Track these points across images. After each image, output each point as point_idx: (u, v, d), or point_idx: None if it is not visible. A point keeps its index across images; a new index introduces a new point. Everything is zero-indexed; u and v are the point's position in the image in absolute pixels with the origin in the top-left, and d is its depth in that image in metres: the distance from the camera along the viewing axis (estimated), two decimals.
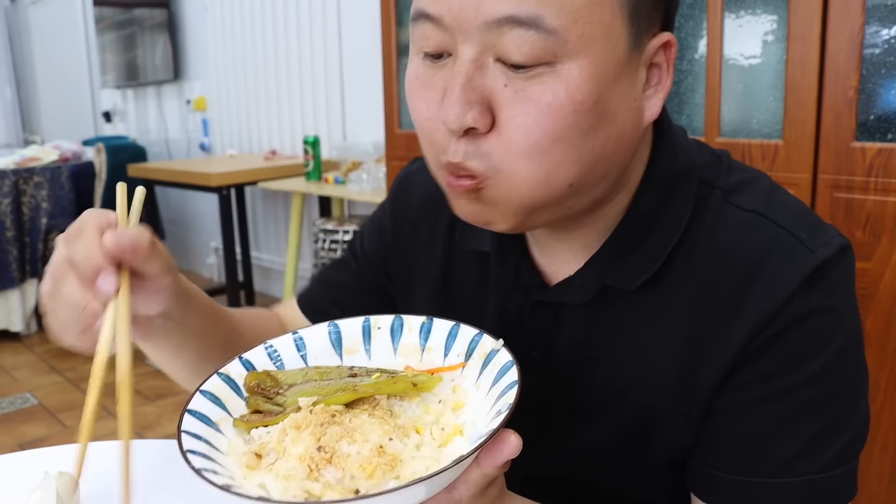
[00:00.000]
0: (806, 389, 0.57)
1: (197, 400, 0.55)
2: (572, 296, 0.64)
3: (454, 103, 0.52)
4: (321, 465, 0.47)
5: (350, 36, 3.47)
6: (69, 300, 0.54)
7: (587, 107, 0.51)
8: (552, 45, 0.50)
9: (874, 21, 1.37)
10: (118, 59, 5.22)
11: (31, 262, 3.71)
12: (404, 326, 0.60)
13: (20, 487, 0.70)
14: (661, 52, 0.56)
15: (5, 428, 2.75)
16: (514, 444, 0.46)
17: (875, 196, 1.39)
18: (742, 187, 0.63)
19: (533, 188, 0.54)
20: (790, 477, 0.57)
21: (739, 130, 1.57)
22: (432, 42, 0.54)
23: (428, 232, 0.77)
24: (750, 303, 0.57)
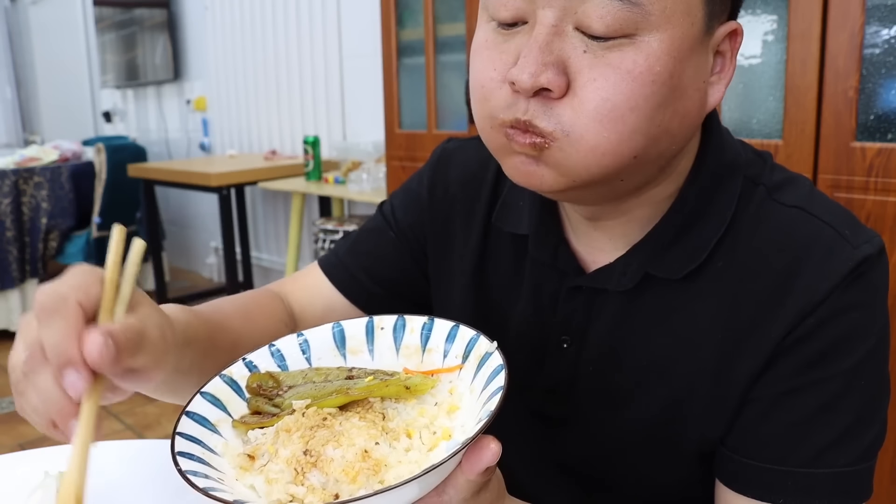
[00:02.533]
0: (840, 382, 0.58)
1: (196, 402, 0.55)
2: (614, 282, 0.65)
3: (530, 63, 0.52)
4: (306, 468, 0.47)
5: (350, 36, 3.47)
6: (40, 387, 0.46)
7: (664, 78, 0.52)
8: (635, 17, 0.50)
9: (874, 21, 1.37)
10: (118, 59, 5.22)
11: (31, 262, 3.71)
12: (406, 327, 0.60)
13: (20, 487, 0.70)
14: (728, 41, 0.57)
15: (5, 428, 2.75)
16: (493, 451, 0.45)
17: (875, 196, 1.39)
18: (785, 185, 0.64)
19: (601, 155, 0.53)
20: (820, 468, 0.58)
21: (739, 130, 1.57)
22: (510, 8, 0.54)
23: (466, 209, 0.77)
24: (792, 294, 0.58)
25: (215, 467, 0.50)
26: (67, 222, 3.76)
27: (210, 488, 0.45)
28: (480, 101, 0.57)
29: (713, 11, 0.54)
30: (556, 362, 0.69)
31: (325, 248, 2.98)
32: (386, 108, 2.36)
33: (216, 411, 0.56)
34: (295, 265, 3.34)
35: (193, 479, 0.46)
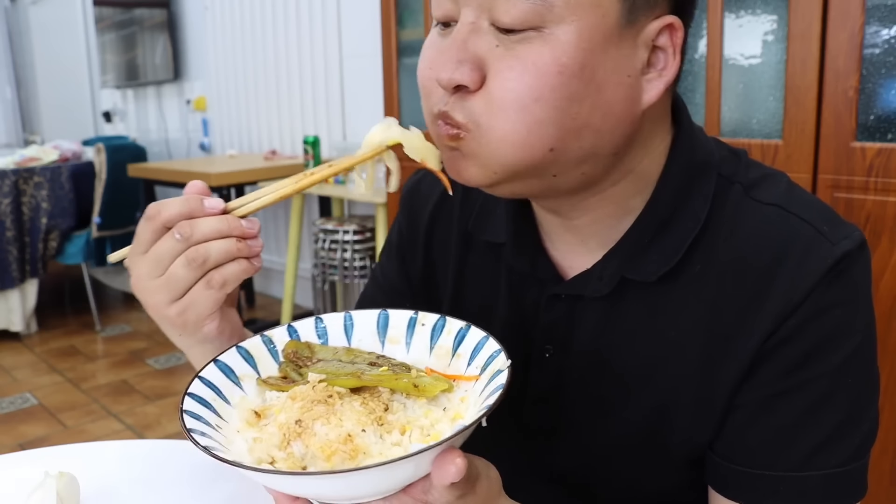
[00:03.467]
0: (827, 382, 0.57)
1: (229, 354, 0.58)
2: (591, 288, 0.64)
3: (447, 60, 0.55)
4: (292, 437, 0.49)
5: (350, 36, 3.47)
6: (174, 275, 0.57)
7: (572, 71, 0.53)
8: (539, 10, 0.52)
9: (874, 21, 1.37)
10: (118, 59, 5.22)
11: (31, 262, 3.71)
12: (445, 328, 0.61)
13: (20, 487, 0.70)
14: (666, 35, 0.56)
15: (5, 428, 2.75)
16: (457, 466, 0.44)
17: (875, 196, 1.39)
18: (762, 182, 0.63)
19: (511, 145, 0.55)
20: (811, 471, 0.58)
21: (739, 130, 1.57)
22: (442, 9, 0.57)
23: (444, 227, 0.78)
24: (773, 294, 0.58)
25: (221, 416, 0.53)
26: (67, 222, 3.76)
27: (193, 429, 0.48)
28: (423, 99, 0.60)
29: (635, 4, 0.54)
30: (541, 371, 0.69)
31: (325, 248, 2.98)
32: (386, 108, 2.36)
33: (245, 366, 0.58)
34: (295, 265, 3.34)
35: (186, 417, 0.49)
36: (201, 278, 0.57)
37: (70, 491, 0.70)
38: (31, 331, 3.81)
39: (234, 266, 0.57)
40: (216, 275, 0.57)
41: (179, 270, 0.56)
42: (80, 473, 0.73)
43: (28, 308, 3.75)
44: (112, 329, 3.87)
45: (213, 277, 0.57)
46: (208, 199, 0.57)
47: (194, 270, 0.56)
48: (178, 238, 0.56)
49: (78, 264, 3.87)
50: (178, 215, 0.56)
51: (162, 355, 3.47)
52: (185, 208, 0.57)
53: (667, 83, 0.57)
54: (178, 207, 0.56)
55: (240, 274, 0.58)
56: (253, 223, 0.58)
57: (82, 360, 3.44)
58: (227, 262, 0.57)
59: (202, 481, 0.74)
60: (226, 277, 0.57)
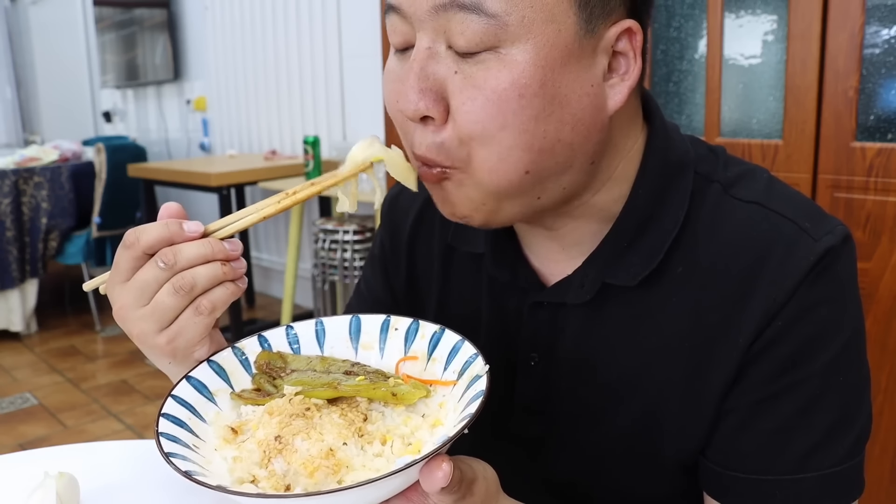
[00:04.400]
0: (817, 382, 0.57)
1: (201, 369, 0.57)
2: (572, 295, 0.64)
3: (408, 91, 0.54)
4: (273, 454, 0.49)
5: (350, 36, 3.47)
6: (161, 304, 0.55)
7: (533, 90, 0.52)
8: (494, 30, 0.51)
9: (874, 21, 1.37)
10: (118, 59, 5.22)
11: (31, 262, 3.71)
12: (419, 332, 0.61)
13: (20, 487, 0.70)
14: (626, 40, 0.55)
15: (5, 428, 2.75)
16: (444, 472, 0.44)
17: (875, 196, 1.39)
18: (741, 180, 0.62)
19: (489, 174, 0.54)
20: (807, 472, 0.57)
21: (739, 130, 1.57)
22: (398, 34, 0.56)
23: (425, 241, 0.77)
24: (756, 295, 0.57)
25: (198, 435, 0.52)
26: (67, 222, 3.77)
27: (172, 454, 0.47)
28: (400, 134, 0.60)
29: (591, 14, 0.53)
30: (527, 379, 0.68)
31: (324, 248, 2.98)
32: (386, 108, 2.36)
33: (218, 381, 0.57)
34: (295, 265, 3.34)
35: (163, 440, 0.48)
36: (189, 305, 0.55)
37: (70, 491, 0.70)
38: (31, 331, 3.81)
39: (220, 290, 0.56)
40: (204, 300, 0.55)
41: (166, 299, 0.54)
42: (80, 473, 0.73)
43: (28, 308, 3.75)
44: (112, 329, 3.87)
45: (201, 304, 0.55)
46: (187, 224, 0.56)
47: (182, 298, 0.55)
48: (161, 266, 0.54)
49: (78, 264, 3.87)
50: (158, 241, 0.55)
51: None
52: (165, 234, 0.55)
53: (630, 87, 0.56)
54: (157, 233, 0.55)
55: (228, 297, 0.56)
56: (235, 245, 0.57)
57: (82, 360, 3.44)
58: (213, 286, 0.55)
59: None
60: (214, 303, 0.55)
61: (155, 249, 0.55)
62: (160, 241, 0.55)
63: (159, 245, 0.55)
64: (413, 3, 0.53)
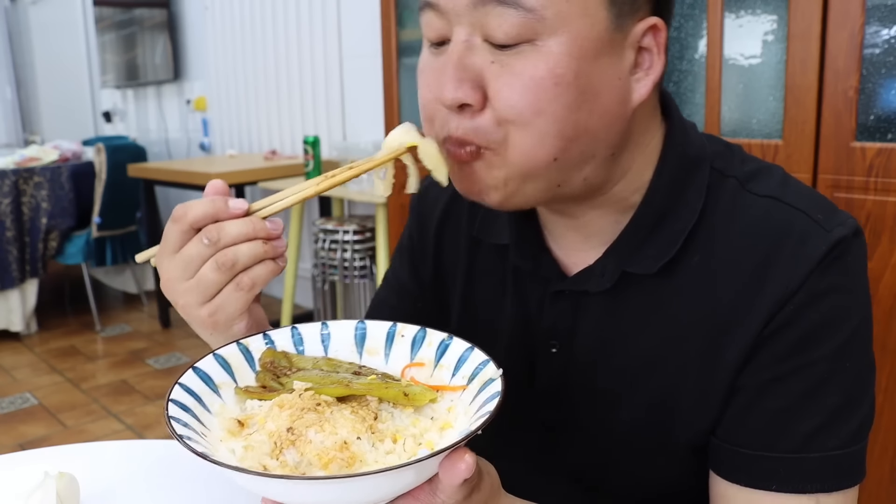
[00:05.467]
0: (825, 366, 0.59)
1: (206, 361, 0.57)
2: (594, 283, 0.66)
3: (447, 81, 0.56)
4: (285, 445, 0.49)
5: (350, 36, 3.47)
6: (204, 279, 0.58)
7: (567, 80, 0.54)
8: (531, 23, 0.53)
9: (874, 21, 1.37)
10: (118, 59, 5.22)
11: (31, 262, 3.71)
12: (425, 339, 0.61)
13: (20, 487, 0.70)
14: (651, 36, 0.58)
15: (5, 428, 2.75)
16: (467, 464, 0.45)
17: (875, 196, 1.39)
18: (756, 175, 0.65)
19: (521, 156, 0.57)
20: (810, 453, 0.59)
21: (739, 130, 1.57)
22: (434, 29, 0.58)
23: (452, 234, 0.80)
24: (770, 282, 0.59)
25: (204, 423, 0.52)
26: (67, 222, 3.76)
27: (186, 437, 0.47)
28: (426, 122, 0.62)
29: (621, 11, 0.56)
30: (547, 368, 0.70)
31: (324, 248, 2.98)
32: (386, 108, 2.36)
33: (223, 374, 0.58)
34: (295, 265, 3.34)
35: (175, 424, 0.48)
36: (231, 281, 0.58)
37: (70, 491, 0.70)
38: (31, 331, 3.81)
39: (261, 268, 0.58)
40: (245, 277, 0.58)
41: (209, 274, 0.57)
42: (80, 473, 0.73)
43: (28, 308, 3.75)
44: (112, 329, 3.87)
45: (242, 280, 0.58)
46: (232, 201, 0.58)
47: (224, 274, 0.57)
48: (206, 243, 0.57)
49: (78, 264, 3.87)
50: (204, 217, 0.57)
51: (162, 355, 3.47)
52: (211, 210, 0.57)
53: (654, 81, 0.59)
54: (203, 209, 0.57)
55: (267, 275, 0.59)
56: (276, 224, 0.59)
57: (82, 360, 3.44)
58: (254, 264, 0.58)
59: (202, 481, 0.74)
60: (254, 279, 0.58)
61: (201, 224, 0.57)
62: (206, 216, 0.57)
63: (205, 221, 0.57)
64: (450, 0, 0.56)
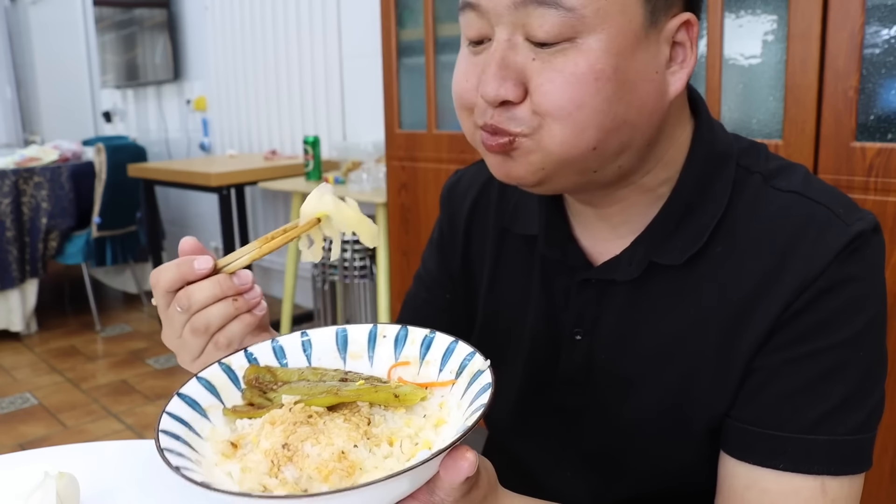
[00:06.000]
0: (838, 352, 0.60)
1: (190, 385, 0.57)
2: (621, 273, 0.68)
3: (490, 78, 0.58)
4: (282, 462, 0.48)
5: (350, 36, 3.47)
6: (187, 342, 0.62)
7: (607, 75, 0.56)
8: (572, 22, 0.55)
9: (874, 21, 1.37)
10: (118, 59, 5.22)
11: (31, 262, 3.71)
12: (408, 338, 0.61)
13: (20, 487, 0.70)
14: (684, 31, 0.60)
15: (5, 428, 2.75)
16: (469, 462, 0.46)
17: (875, 196, 1.39)
18: (780, 172, 0.67)
19: (560, 146, 0.59)
20: (819, 435, 0.60)
21: (739, 130, 1.57)
22: (474, 28, 0.61)
23: (481, 226, 0.82)
24: (789, 270, 0.61)
25: (196, 450, 0.52)
26: (67, 222, 3.76)
27: (183, 467, 0.46)
28: (461, 109, 0.64)
29: (655, 7, 0.58)
30: (571, 355, 0.72)
31: (324, 248, 2.98)
32: (386, 108, 2.36)
33: (209, 397, 0.57)
34: (295, 265, 3.34)
35: (169, 456, 0.47)
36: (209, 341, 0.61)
37: (70, 491, 0.70)
38: (31, 331, 3.81)
39: (235, 325, 0.61)
40: (221, 337, 0.61)
41: (189, 338, 0.61)
42: (80, 473, 0.73)
43: (28, 308, 3.75)
44: (112, 329, 3.87)
45: (218, 340, 0.61)
46: (198, 260, 0.60)
47: (200, 337, 0.60)
48: (179, 310, 0.60)
49: (78, 264, 3.87)
50: (173, 282, 0.60)
51: (162, 355, 3.47)
52: (178, 275, 0.60)
53: (688, 73, 0.61)
54: (171, 275, 0.60)
55: (243, 330, 0.62)
56: (243, 278, 0.62)
57: (82, 360, 3.44)
58: (228, 322, 0.61)
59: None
60: (230, 338, 0.61)
61: (174, 289, 0.61)
62: (174, 281, 0.60)
63: (175, 285, 0.60)
64: (491, 1, 0.58)
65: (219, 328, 0.60)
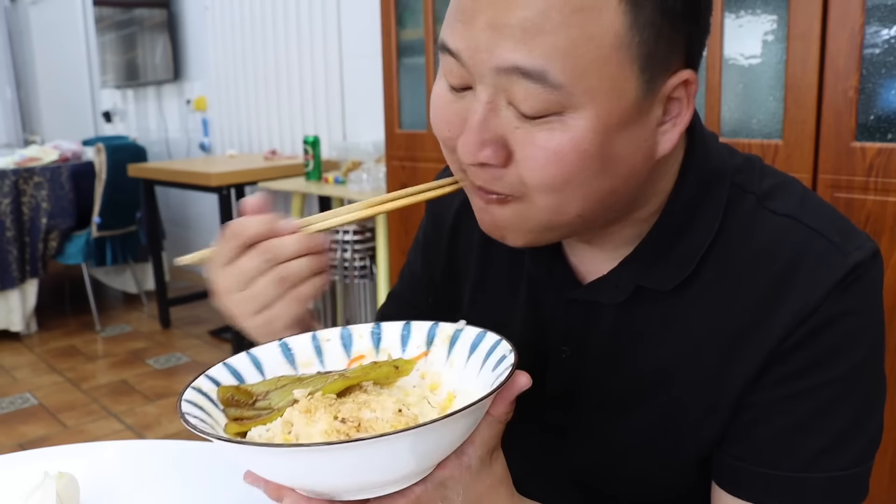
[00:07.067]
0: (835, 388, 0.59)
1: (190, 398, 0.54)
2: (606, 295, 0.66)
3: (470, 142, 0.55)
4: (351, 432, 0.48)
5: (350, 36, 3.47)
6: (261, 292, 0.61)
7: (591, 154, 0.53)
8: (558, 98, 0.51)
9: (874, 21, 1.37)
10: (118, 59, 5.22)
11: (31, 262, 3.71)
12: (353, 335, 0.62)
13: (20, 487, 0.70)
14: (682, 88, 0.56)
15: (5, 428, 2.75)
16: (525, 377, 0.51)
17: (875, 196, 1.39)
18: (775, 192, 0.64)
19: (547, 214, 0.57)
20: (814, 472, 0.59)
21: (739, 130, 1.57)
22: (455, 76, 0.56)
23: (467, 234, 0.80)
24: (784, 303, 0.59)
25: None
26: (67, 222, 3.76)
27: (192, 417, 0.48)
28: (448, 154, 0.61)
29: (653, 75, 0.53)
30: (557, 372, 0.71)
31: None
32: (386, 108, 2.36)
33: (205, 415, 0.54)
34: None
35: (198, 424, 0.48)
36: (285, 293, 0.61)
37: (70, 491, 0.70)
38: (31, 331, 3.81)
39: (315, 281, 0.62)
40: (299, 291, 0.61)
41: (266, 287, 0.61)
42: (80, 473, 0.73)
43: (28, 308, 3.75)
44: (112, 329, 3.87)
45: (298, 293, 0.62)
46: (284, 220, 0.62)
47: (280, 287, 0.61)
48: (264, 259, 0.60)
49: (78, 264, 3.87)
50: (258, 235, 0.61)
51: (162, 355, 3.47)
52: (265, 228, 0.61)
53: (680, 132, 0.57)
54: (258, 228, 0.61)
55: (320, 287, 0.62)
56: (325, 240, 0.63)
57: (82, 360, 3.44)
58: (308, 277, 0.61)
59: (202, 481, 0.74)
60: (308, 293, 0.62)
61: (257, 241, 0.61)
62: (261, 235, 0.61)
63: (260, 238, 0.61)
64: (474, 56, 0.53)
65: (299, 281, 0.61)
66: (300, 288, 0.61)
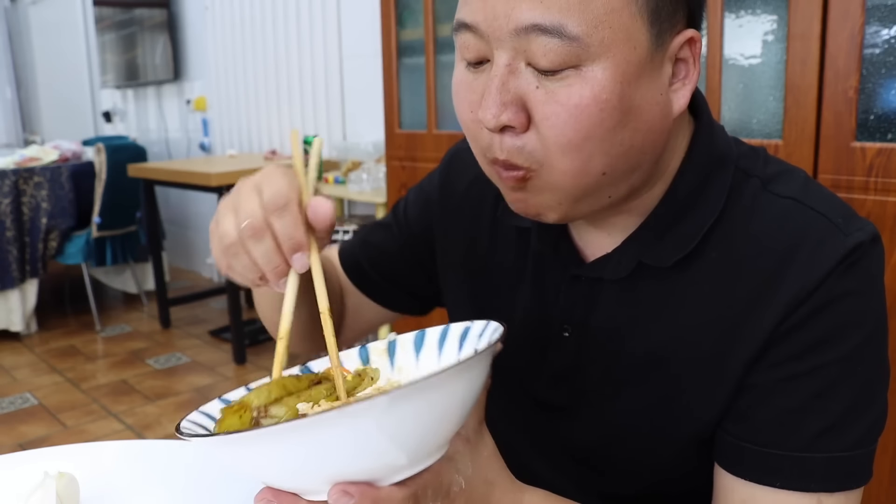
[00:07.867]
0: (836, 369, 0.59)
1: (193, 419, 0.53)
2: (609, 271, 0.67)
3: (490, 104, 0.56)
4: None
5: (350, 36, 3.47)
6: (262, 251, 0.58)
7: (612, 104, 0.55)
8: (575, 50, 0.53)
9: (874, 21, 1.37)
10: (118, 59, 5.22)
11: (31, 262, 3.71)
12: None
13: (20, 487, 0.70)
14: (687, 48, 0.59)
15: (5, 428, 2.75)
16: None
17: (875, 196, 1.39)
18: (779, 177, 0.65)
19: (572, 178, 0.58)
20: (816, 453, 0.59)
21: (739, 130, 1.57)
22: (472, 50, 0.58)
23: (474, 208, 0.81)
24: (786, 282, 0.60)
25: None
26: (67, 222, 3.76)
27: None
28: (471, 140, 0.63)
29: (661, 29, 0.56)
30: (558, 351, 0.72)
31: None
32: (386, 108, 2.36)
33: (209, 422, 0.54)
34: None
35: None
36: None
37: (70, 491, 0.70)
38: (31, 331, 3.81)
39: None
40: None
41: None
42: (80, 473, 0.73)
43: (28, 308, 3.75)
44: (112, 329, 3.87)
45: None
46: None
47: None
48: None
49: (78, 264, 3.87)
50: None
51: (162, 355, 3.47)
52: None
53: (690, 90, 0.60)
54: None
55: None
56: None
57: (82, 360, 3.44)
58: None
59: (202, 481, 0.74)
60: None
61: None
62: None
63: None
64: (492, 24, 0.55)
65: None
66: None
